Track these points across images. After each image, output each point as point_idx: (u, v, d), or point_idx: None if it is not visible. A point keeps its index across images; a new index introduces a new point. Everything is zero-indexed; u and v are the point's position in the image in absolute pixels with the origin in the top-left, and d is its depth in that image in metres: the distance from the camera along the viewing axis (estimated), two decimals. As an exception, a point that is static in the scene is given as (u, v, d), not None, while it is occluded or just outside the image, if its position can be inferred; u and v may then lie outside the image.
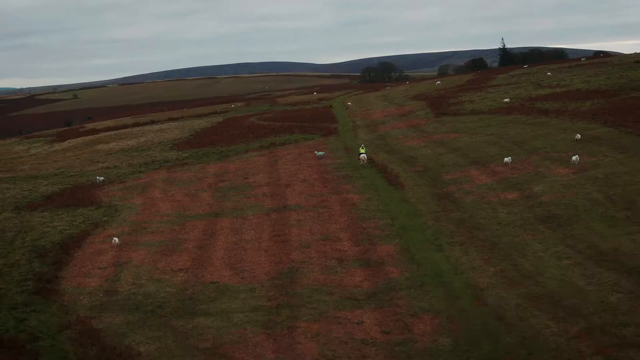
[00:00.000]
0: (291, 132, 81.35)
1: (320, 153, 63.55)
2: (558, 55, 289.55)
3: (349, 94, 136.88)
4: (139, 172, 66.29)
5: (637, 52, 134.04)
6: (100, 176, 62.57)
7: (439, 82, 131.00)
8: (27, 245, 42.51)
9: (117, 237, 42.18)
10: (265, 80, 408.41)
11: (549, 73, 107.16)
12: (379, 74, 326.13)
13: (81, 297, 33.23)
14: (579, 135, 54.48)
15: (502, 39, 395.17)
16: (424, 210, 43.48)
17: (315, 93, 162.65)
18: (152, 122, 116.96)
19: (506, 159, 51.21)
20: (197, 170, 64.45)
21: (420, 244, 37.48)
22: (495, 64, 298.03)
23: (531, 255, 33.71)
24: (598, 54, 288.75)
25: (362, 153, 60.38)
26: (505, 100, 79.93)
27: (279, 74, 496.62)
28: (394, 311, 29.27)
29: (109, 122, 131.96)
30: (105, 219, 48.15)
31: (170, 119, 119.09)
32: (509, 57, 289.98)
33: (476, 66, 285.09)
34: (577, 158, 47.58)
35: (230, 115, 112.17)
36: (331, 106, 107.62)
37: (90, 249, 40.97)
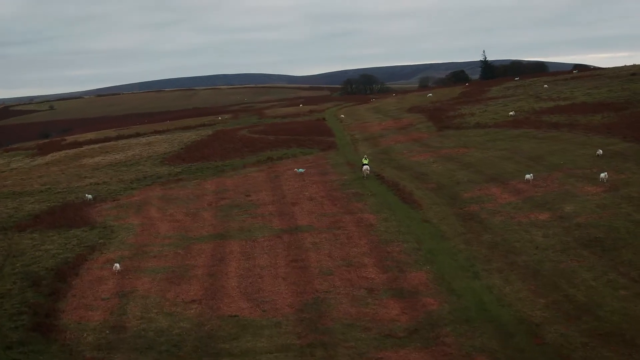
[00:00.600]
0: (288, 146, 78.11)
1: (301, 170, 60.74)
2: (539, 68, 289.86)
3: (339, 106, 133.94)
4: (132, 188, 62.59)
5: (628, 64, 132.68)
6: (89, 194, 58.58)
7: (430, 94, 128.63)
8: (18, 272, 38.79)
9: (118, 262, 38.63)
10: (243, 92, 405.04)
11: (546, 85, 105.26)
12: (360, 85, 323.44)
13: (85, 334, 29.65)
14: (600, 151, 51.91)
15: (484, 52, 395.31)
16: (450, 233, 40.43)
17: (301, 105, 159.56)
18: (138, 135, 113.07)
19: (527, 176, 48.43)
20: (194, 186, 60.91)
21: (455, 271, 34.39)
22: (476, 76, 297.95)
23: (582, 285, 30.73)
24: (577, 67, 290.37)
25: (365, 164, 58.63)
26: (511, 113, 77.47)
27: (257, 85, 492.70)
28: (444, 351, 26.11)
29: (91, 135, 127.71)
30: (101, 241, 44.50)
31: (156, 132, 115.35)
32: (490, 70, 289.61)
33: (457, 78, 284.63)
34: (605, 175, 44.92)
35: (219, 128, 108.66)
36: (324, 119, 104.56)
37: (89, 276, 37.34)
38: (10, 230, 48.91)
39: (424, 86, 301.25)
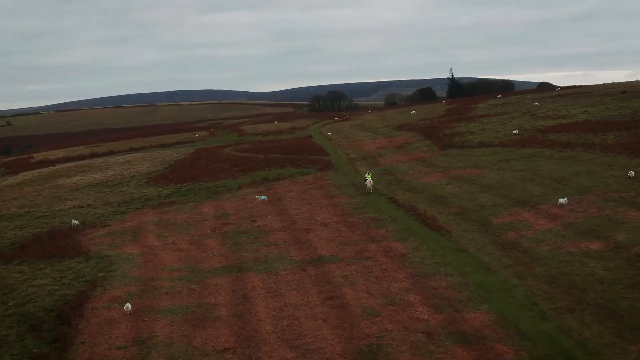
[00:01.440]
0: (281, 165, 73.93)
1: (263, 197, 56.30)
2: (505, 86, 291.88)
3: (319, 123, 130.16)
4: (122, 212, 57.72)
5: (615, 82, 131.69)
6: (75, 219, 53.63)
7: (413, 111, 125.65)
8: (13, 314, 33.97)
9: (127, 300, 34.03)
10: (206, 108, 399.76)
11: (536, 103, 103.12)
12: (327, 102, 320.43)
13: (107, 395, 25.00)
14: (632, 173, 48.85)
15: (451, 69, 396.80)
16: (495, 264, 36.73)
17: (276, 122, 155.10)
18: (112, 153, 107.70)
19: (561, 200, 45.12)
20: (191, 210, 56.35)
21: (517, 310, 30.62)
22: (442, 93, 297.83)
23: (672, 327, 27.12)
24: (541, 85, 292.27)
25: (368, 179, 57.95)
26: (514, 132, 74.54)
27: (220, 101, 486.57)
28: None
29: (61, 152, 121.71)
30: (101, 274, 39.75)
31: (132, 149, 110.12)
32: (457, 87, 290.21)
33: (425, 96, 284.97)
34: (649, 199, 41.76)
35: (200, 146, 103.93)
36: (310, 136, 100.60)
37: (97, 319, 32.67)
38: (-6, 262, 43.75)
39: (390, 103, 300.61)
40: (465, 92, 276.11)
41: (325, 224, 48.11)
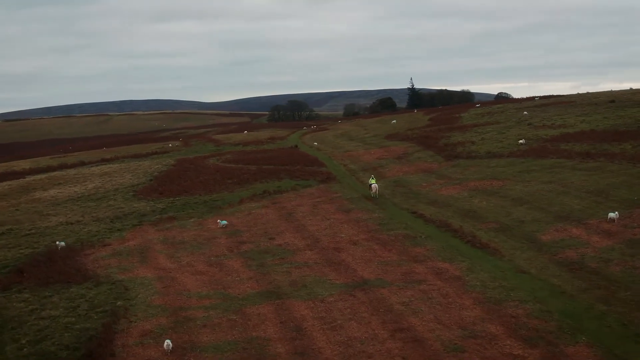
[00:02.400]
0: (278, 177, 69.56)
1: (224, 222, 50.78)
2: (466, 97, 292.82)
3: (296, 133, 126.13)
4: (118, 229, 52.66)
5: (590, 92, 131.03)
6: (61, 240, 48.30)
7: (394, 121, 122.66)
8: (29, 354, 29.11)
9: (159, 334, 29.43)
10: (160, 118, 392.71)
11: (525, 112, 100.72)
12: (288, 112, 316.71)
13: None
14: (676, 184, 46.02)
15: (411, 79, 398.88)
16: (568, 288, 33.23)
17: (245, 132, 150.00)
18: (83, 164, 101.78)
19: (612, 215, 41.97)
20: (196, 227, 51.67)
21: (620, 342, 27.14)
22: (402, 104, 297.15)
23: None
24: (499, 95, 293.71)
25: (373, 183, 58.14)
26: (521, 141, 71.68)
27: (174, 111, 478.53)
28: None
29: (25, 163, 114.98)
30: (119, 303, 34.93)
31: (104, 160, 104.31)
32: (417, 97, 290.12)
33: (385, 106, 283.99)
34: None
35: (177, 156, 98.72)
36: (296, 146, 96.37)
37: (133, 359, 27.86)
38: (-11, 289, 38.47)
39: (349, 114, 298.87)
40: (425, 102, 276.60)
41: (354, 242, 44.06)
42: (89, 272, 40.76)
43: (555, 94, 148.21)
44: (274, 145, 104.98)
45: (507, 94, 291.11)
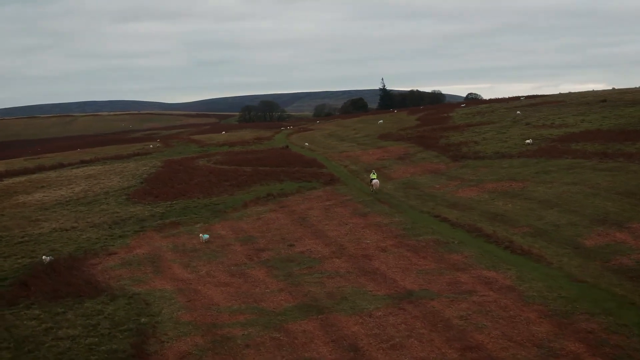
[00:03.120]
0: (278, 179, 66.51)
1: (205, 236, 46.01)
2: (437, 98, 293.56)
3: (280, 133, 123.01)
4: (120, 236, 49.15)
5: (591, 89, 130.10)
6: (48, 255, 43.61)
7: (381, 120, 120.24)
8: (57, 382, 25.44)
9: (199, 356, 26.31)
10: (126, 119, 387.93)
11: (519, 112, 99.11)
12: (259, 112, 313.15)
13: None
14: None
15: (382, 79, 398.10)
16: (637, 298, 30.78)
17: (224, 132, 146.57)
18: (63, 166, 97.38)
19: (656, 218, 39.69)
20: (204, 232, 48.31)
21: None
22: (374, 105, 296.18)
23: None
24: (469, 96, 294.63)
25: (374, 179, 58.51)
26: (528, 141, 69.61)
27: (140, 112, 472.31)
28: None
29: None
30: (144, 320, 31.62)
31: (84, 162, 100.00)
32: (389, 98, 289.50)
33: (356, 106, 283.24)
34: None
35: (161, 157, 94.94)
36: (287, 147, 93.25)
37: (178, 387, 24.67)
38: (-8, 305, 34.80)
39: (320, 114, 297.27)
40: (396, 102, 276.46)
41: (383, 249, 41.25)
42: (100, 284, 37.28)
43: (535, 94, 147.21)
44: (261, 146, 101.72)
45: (477, 94, 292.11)
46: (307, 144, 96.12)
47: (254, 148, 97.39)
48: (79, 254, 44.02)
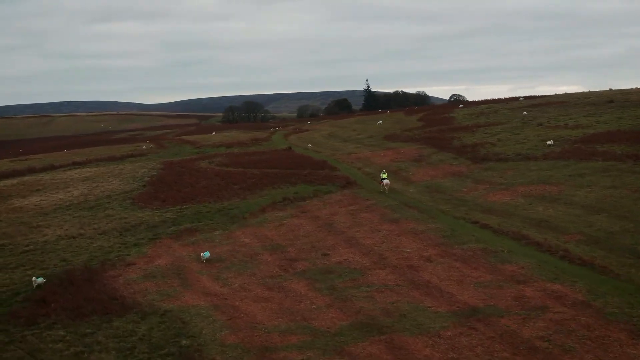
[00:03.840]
0: (290, 182, 63.26)
1: (206, 254, 40.85)
2: (422, 99, 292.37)
3: (276, 134, 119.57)
4: (134, 245, 45.67)
5: (590, 90, 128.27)
6: (38, 277, 37.57)
7: (380, 121, 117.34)
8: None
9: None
10: (106, 120, 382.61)
11: (525, 112, 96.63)
12: (242, 113, 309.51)
13: None
14: None
15: (367, 80, 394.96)
16: None
17: (214, 133, 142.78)
18: (54, 168, 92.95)
19: None
20: (225, 240, 45.14)
21: None
22: (357, 106, 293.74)
23: None
24: (453, 97, 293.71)
25: (385, 179, 57.59)
26: (549, 143, 66.95)
27: (119, 112, 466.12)
28: None
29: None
30: (185, 342, 28.36)
31: (76, 164, 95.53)
32: (373, 99, 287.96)
33: (341, 107, 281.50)
34: None
35: (160, 159, 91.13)
36: (290, 148, 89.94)
37: None
38: (8, 323, 31.17)
39: (303, 115, 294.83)
40: (381, 104, 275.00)
41: (428, 259, 38.24)
42: (126, 300, 33.82)
43: (532, 95, 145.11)
44: (261, 147, 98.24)
45: (461, 95, 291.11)
46: (310, 145, 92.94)
47: (255, 149, 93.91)
48: (94, 265, 40.47)
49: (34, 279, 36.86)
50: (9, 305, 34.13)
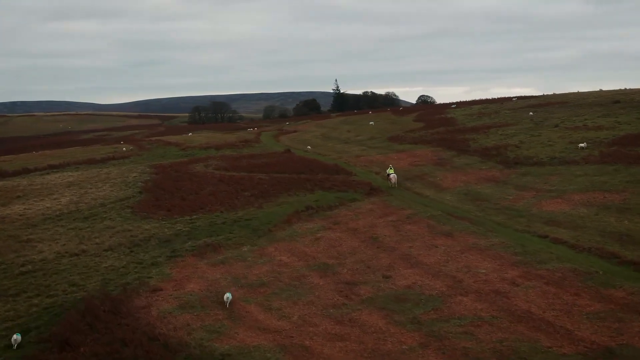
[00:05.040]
0: (306, 188, 57.34)
1: (228, 296, 32.14)
2: (390, 100, 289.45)
3: (263, 134, 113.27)
4: (153, 264, 39.22)
5: (600, 89, 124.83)
6: (17, 333, 28.26)
7: (372, 122, 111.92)
8: None
9: None
10: (64, 120, 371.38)
11: (531, 113, 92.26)
12: (209, 113, 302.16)
13: None
14: None
15: (336, 80, 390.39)
16: None
17: (191, 134, 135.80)
18: (29, 171, 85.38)
19: None
20: (258, 259, 39.13)
21: None
22: (330, 107, 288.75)
23: None
24: (421, 98, 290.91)
25: (392, 173, 57.81)
26: (582, 145, 62.18)
27: (78, 113, 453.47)
28: None
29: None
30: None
31: (52, 167, 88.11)
32: (343, 100, 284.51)
33: (310, 108, 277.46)
34: None
35: (146, 162, 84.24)
36: (289, 150, 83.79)
37: None
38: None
39: (268, 116, 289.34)
40: (350, 104, 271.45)
41: (513, 282, 32.70)
42: (170, 341, 27.43)
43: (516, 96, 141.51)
44: (253, 149, 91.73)
45: (429, 96, 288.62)
46: (309, 147, 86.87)
47: (249, 152, 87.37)
48: (113, 292, 33.88)
49: (14, 337, 28.12)
50: (20, 348, 27.43)
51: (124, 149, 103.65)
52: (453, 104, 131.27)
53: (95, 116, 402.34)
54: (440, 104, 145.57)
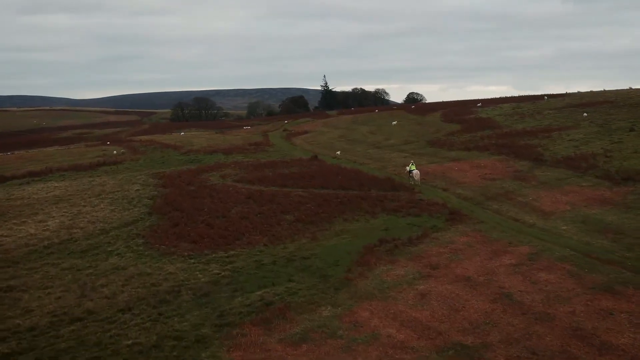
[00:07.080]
0: (363, 209, 45.54)
1: None
2: (380, 97, 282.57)
3: (269, 135, 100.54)
4: (198, 341, 26.52)
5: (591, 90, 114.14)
6: None
7: (395, 122, 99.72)
8: None
9: None
10: (39, 115, 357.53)
11: (585, 114, 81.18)
12: (193, 110, 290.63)
13: None
14: None
15: (324, 77, 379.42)
16: None
17: (183, 133, 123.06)
18: (5, 179, 71.97)
19: None
20: (354, 333, 26.76)
21: None
22: (318, 104, 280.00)
23: None
24: (410, 96, 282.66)
25: (414, 169, 54.24)
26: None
27: (52, 108, 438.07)
28: None
29: None
30: None
31: (33, 174, 74.68)
32: (332, 97, 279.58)
33: (297, 105, 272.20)
34: None
35: (145, 170, 71.28)
36: (316, 157, 71.13)
37: None
38: None
39: (254, 113, 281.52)
40: (339, 102, 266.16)
41: None
42: None
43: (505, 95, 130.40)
44: (268, 154, 79.01)
45: (419, 94, 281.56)
46: (338, 152, 74.25)
47: (268, 158, 74.48)
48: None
49: None
50: None
51: (115, 152, 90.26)
52: (478, 102, 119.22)
53: (70, 112, 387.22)
54: (461, 101, 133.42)
